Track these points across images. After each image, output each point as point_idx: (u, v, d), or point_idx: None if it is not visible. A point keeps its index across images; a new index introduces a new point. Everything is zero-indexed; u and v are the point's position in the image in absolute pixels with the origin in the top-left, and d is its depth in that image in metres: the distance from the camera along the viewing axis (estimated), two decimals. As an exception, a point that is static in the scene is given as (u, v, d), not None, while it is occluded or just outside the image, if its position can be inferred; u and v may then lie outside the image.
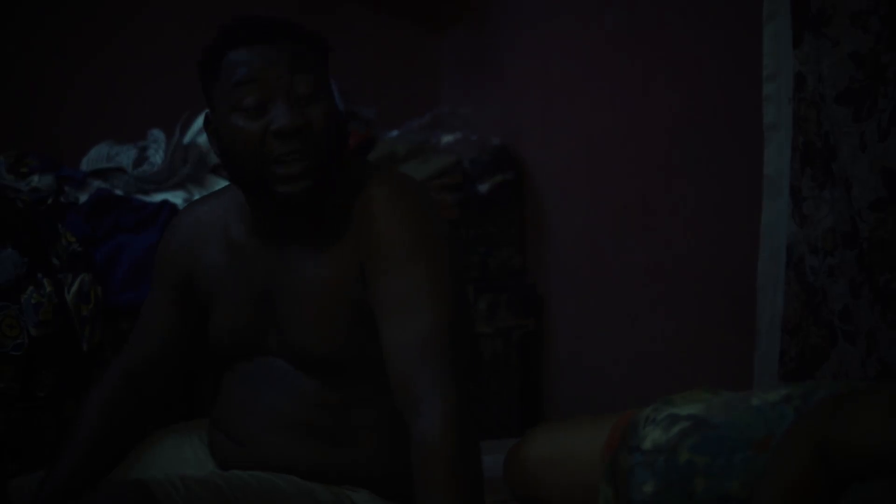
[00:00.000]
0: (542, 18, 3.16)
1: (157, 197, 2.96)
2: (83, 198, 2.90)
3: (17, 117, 3.31)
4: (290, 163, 1.61)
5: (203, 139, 3.03)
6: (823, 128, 1.96)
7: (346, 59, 3.55)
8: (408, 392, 1.56)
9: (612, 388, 2.85)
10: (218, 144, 1.68)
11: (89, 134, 3.19)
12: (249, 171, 1.64)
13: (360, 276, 1.65)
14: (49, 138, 3.28)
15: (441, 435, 1.50)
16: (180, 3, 3.53)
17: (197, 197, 3.01)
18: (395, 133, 3.41)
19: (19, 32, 3.38)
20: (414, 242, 1.63)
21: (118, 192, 2.98)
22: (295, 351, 1.73)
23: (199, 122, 3.00)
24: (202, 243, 1.81)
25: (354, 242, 1.66)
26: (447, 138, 3.32)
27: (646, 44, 2.67)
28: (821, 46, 1.93)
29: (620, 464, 1.72)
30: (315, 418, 1.73)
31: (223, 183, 2.55)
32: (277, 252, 1.73)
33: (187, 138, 3.07)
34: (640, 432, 1.72)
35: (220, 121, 1.66)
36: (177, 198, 2.96)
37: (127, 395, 1.84)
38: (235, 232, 1.77)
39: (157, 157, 3.04)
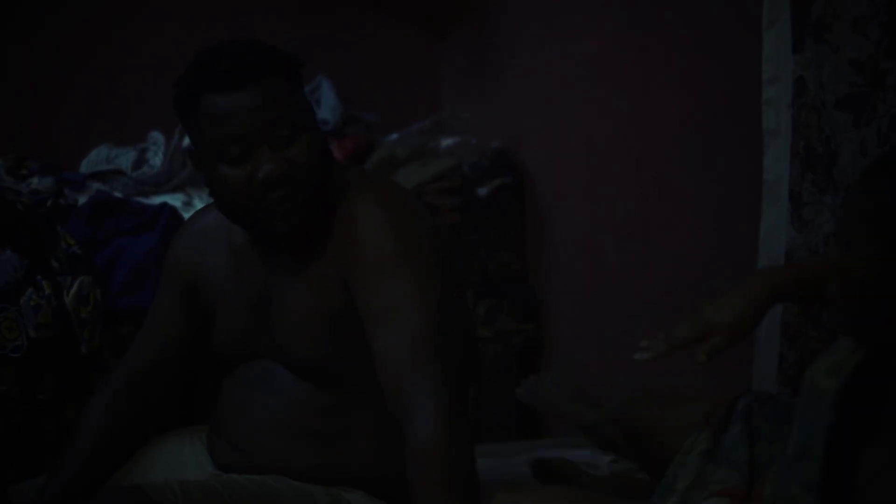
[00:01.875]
0: (543, 22, 3.16)
1: (157, 199, 2.96)
2: (83, 200, 2.90)
3: (16, 119, 3.31)
4: (279, 203, 1.64)
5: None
6: (824, 133, 1.96)
7: (347, 62, 3.59)
8: (400, 398, 1.56)
9: (612, 392, 2.84)
10: (206, 183, 1.71)
11: (88, 136, 3.19)
12: (239, 211, 1.68)
13: (345, 283, 1.66)
14: (48, 141, 3.28)
15: (435, 439, 1.50)
16: (180, 3, 3.53)
17: (196, 199, 3.01)
18: (395, 136, 3.41)
19: (19, 33, 3.38)
20: (397, 248, 1.63)
21: (117, 194, 2.98)
22: (286, 357, 1.74)
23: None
24: (207, 249, 1.83)
25: (338, 249, 1.67)
26: (447, 142, 3.32)
27: (646, 48, 2.67)
28: (821, 52, 1.93)
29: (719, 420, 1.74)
30: (311, 421, 1.73)
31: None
32: (273, 259, 1.75)
33: (186, 141, 3.07)
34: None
35: (206, 165, 1.67)
36: (176, 200, 2.96)
37: (129, 400, 1.84)
38: (237, 239, 1.78)
39: (156, 159, 3.04)
